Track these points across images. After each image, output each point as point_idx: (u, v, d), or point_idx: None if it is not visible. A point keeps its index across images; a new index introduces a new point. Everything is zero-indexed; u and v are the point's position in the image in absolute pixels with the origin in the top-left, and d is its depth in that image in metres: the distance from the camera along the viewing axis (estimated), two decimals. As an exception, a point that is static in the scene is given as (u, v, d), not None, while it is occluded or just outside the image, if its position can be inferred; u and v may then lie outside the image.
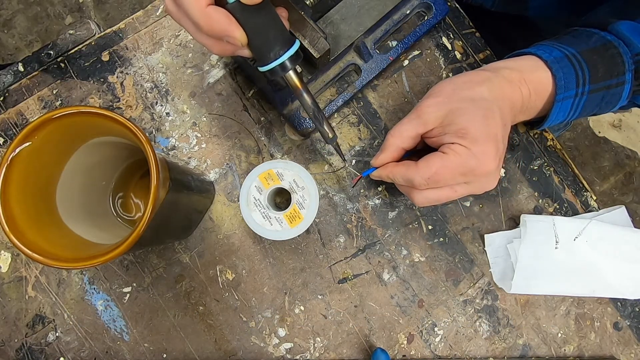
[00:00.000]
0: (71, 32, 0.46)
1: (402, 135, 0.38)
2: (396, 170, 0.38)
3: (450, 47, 0.48)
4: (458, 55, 0.48)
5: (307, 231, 0.45)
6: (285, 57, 0.32)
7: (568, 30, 0.42)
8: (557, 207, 0.47)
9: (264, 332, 0.44)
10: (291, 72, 0.34)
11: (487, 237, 0.46)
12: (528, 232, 0.44)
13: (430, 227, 0.46)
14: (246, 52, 0.33)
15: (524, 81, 0.38)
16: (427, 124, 0.37)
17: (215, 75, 0.47)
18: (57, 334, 0.44)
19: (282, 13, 0.34)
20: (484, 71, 0.39)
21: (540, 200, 0.47)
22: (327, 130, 0.38)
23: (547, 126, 0.42)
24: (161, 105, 0.46)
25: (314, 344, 0.45)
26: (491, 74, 0.38)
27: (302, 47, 0.39)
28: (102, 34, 0.47)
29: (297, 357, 0.44)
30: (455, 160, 0.35)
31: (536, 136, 0.48)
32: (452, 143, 0.35)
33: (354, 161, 0.46)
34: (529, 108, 0.40)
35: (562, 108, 0.39)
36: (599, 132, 1.33)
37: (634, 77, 0.38)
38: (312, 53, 0.38)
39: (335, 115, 0.47)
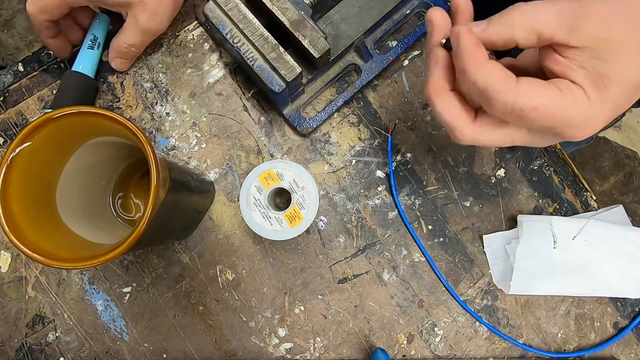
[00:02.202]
0: (71, 32, 0.46)
1: (534, 27, 0.25)
2: (487, 66, 0.26)
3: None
4: (458, 55, 0.48)
5: (307, 231, 0.45)
6: None
7: None
8: (557, 207, 0.47)
9: (264, 332, 0.44)
10: None
11: (486, 238, 0.46)
12: (525, 232, 0.44)
13: (430, 227, 0.46)
14: None
15: None
16: (579, 36, 0.25)
17: (215, 75, 0.47)
18: (57, 334, 0.44)
19: None
20: None
21: (540, 200, 0.47)
22: None
23: None
24: (161, 105, 0.46)
25: (314, 344, 0.45)
26: None
27: (302, 47, 0.39)
28: (102, 34, 0.47)
29: (297, 357, 0.44)
30: (567, 107, 0.25)
31: (536, 136, 0.48)
32: (576, 84, 0.25)
33: (353, 161, 0.46)
34: None
35: None
36: (599, 132, 1.33)
37: None
38: (312, 53, 0.39)
39: (335, 115, 0.47)
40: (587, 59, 0.25)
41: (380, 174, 0.46)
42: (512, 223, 0.47)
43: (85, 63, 0.43)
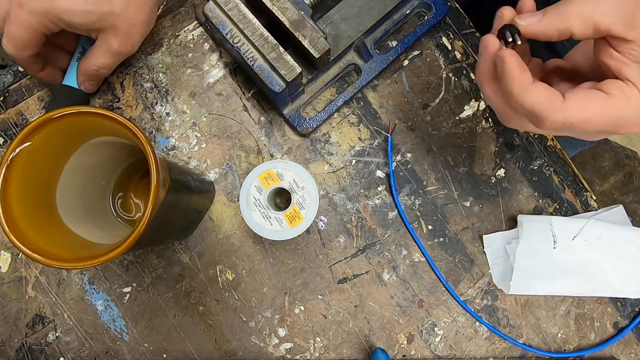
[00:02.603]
0: (71, 32, 0.46)
1: (591, 19, 0.25)
2: (531, 89, 0.26)
3: (450, 47, 0.48)
4: (458, 55, 0.48)
5: (307, 231, 0.45)
6: None
7: None
8: (557, 207, 0.47)
9: (264, 332, 0.44)
10: None
11: (486, 238, 0.46)
12: (525, 232, 0.44)
13: (430, 227, 0.46)
14: None
15: None
16: (637, 28, 0.24)
17: (215, 75, 0.47)
18: (57, 334, 0.44)
19: None
20: None
21: (540, 200, 0.47)
22: None
23: None
24: (161, 105, 0.46)
25: (314, 344, 0.45)
26: None
27: (302, 47, 0.39)
28: (102, 34, 0.47)
29: (297, 357, 0.44)
30: (619, 109, 0.25)
31: (536, 136, 0.48)
32: (629, 82, 0.25)
33: (353, 161, 0.46)
34: None
35: None
36: None
37: None
38: (312, 53, 0.38)
39: (335, 115, 0.47)
40: None
41: (380, 174, 0.46)
42: (512, 223, 0.47)
43: (75, 76, 0.44)
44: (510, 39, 0.27)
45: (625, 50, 0.25)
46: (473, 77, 0.48)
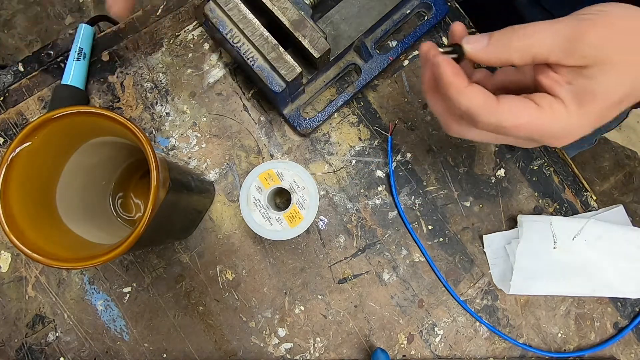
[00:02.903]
0: (71, 32, 0.46)
1: (530, 51, 0.27)
2: (467, 92, 0.28)
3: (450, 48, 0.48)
4: (458, 55, 0.48)
5: (307, 231, 0.45)
6: None
7: None
8: (557, 207, 0.47)
9: (264, 332, 0.44)
10: None
11: (486, 238, 0.46)
12: (525, 232, 0.44)
13: (430, 227, 0.46)
14: None
15: None
16: (574, 58, 0.26)
17: (215, 75, 0.47)
18: (57, 334, 0.44)
19: None
20: None
21: (540, 200, 0.47)
22: None
23: None
24: (161, 105, 0.46)
25: (314, 344, 0.45)
26: None
27: (302, 47, 0.39)
28: (102, 33, 0.47)
29: (297, 357, 0.44)
30: (547, 122, 0.27)
31: (536, 136, 0.48)
32: (558, 98, 0.27)
33: (353, 161, 0.46)
34: None
35: None
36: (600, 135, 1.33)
37: None
38: (312, 53, 0.38)
39: (335, 115, 0.47)
40: (576, 76, 0.26)
41: (380, 174, 0.46)
42: (512, 223, 0.47)
43: (74, 75, 0.44)
44: (455, 56, 0.29)
45: (561, 72, 0.27)
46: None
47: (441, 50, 0.30)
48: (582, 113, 0.27)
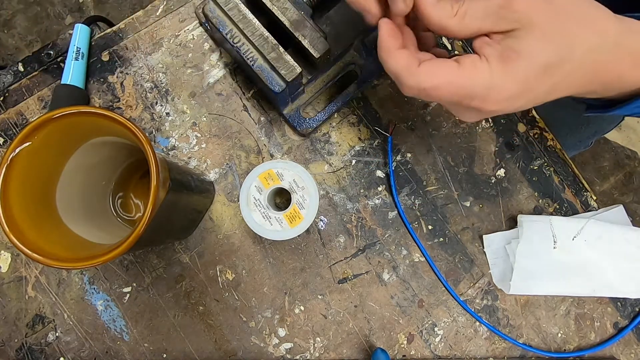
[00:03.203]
0: (71, 32, 0.46)
1: (466, 20, 0.28)
2: (394, 54, 0.29)
3: (450, 47, 0.48)
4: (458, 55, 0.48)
5: (307, 231, 0.45)
6: None
7: None
8: (557, 207, 0.47)
9: (264, 332, 0.44)
10: None
11: (486, 238, 0.46)
12: (525, 232, 0.44)
13: (430, 227, 0.46)
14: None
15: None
16: (502, 23, 0.27)
17: (215, 75, 0.47)
18: (57, 334, 0.44)
19: None
20: (619, 20, 0.28)
21: (540, 200, 0.47)
22: None
23: (606, 115, 0.34)
24: (161, 105, 0.46)
25: (314, 344, 0.45)
26: (622, 31, 0.28)
27: (302, 47, 0.39)
28: (102, 34, 0.47)
29: (297, 357, 0.44)
30: (467, 79, 0.27)
31: (536, 136, 0.48)
32: (482, 56, 0.27)
33: (353, 161, 0.46)
34: (613, 88, 0.31)
35: None
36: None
37: None
38: (312, 53, 0.38)
39: (335, 115, 0.47)
40: (502, 37, 0.27)
41: (380, 174, 0.46)
42: (512, 223, 0.47)
43: (73, 75, 0.44)
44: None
45: (492, 37, 0.28)
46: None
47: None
48: (505, 71, 0.27)
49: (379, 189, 0.46)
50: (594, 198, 0.48)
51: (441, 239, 0.46)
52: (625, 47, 0.28)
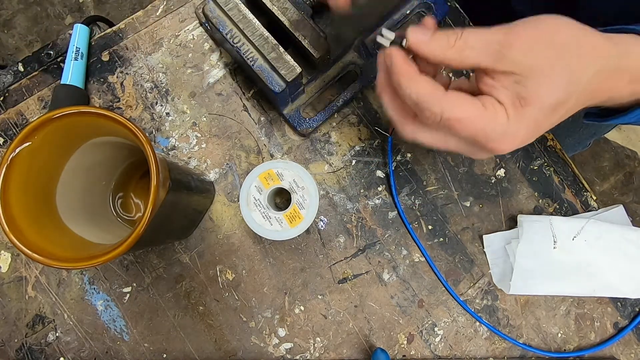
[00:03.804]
0: (71, 32, 0.46)
1: (465, 52, 0.28)
2: (417, 80, 0.29)
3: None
4: (458, 55, 0.48)
5: (307, 231, 0.45)
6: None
7: None
8: (557, 207, 0.47)
9: (264, 332, 0.44)
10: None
11: (486, 238, 0.46)
12: (525, 232, 0.44)
13: (430, 227, 0.46)
14: None
15: (636, 80, 0.30)
16: (503, 63, 0.27)
17: (215, 75, 0.47)
18: (57, 334, 0.44)
19: None
20: (613, 45, 0.29)
21: (540, 200, 0.47)
22: None
23: (604, 123, 0.35)
24: (161, 105, 0.46)
25: (314, 344, 0.45)
26: (619, 54, 0.29)
27: (302, 47, 0.39)
28: (102, 34, 0.47)
29: (297, 357, 0.44)
30: (487, 122, 0.28)
31: (536, 136, 0.48)
32: (500, 102, 0.28)
33: (353, 161, 0.46)
34: (606, 102, 0.32)
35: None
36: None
37: None
38: (312, 53, 0.38)
39: (335, 115, 0.47)
40: (509, 82, 0.27)
41: (380, 174, 0.46)
42: (512, 223, 0.47)
43: (73, 75, 0.44)
44: (400, 43, 0.29)
45: (496, 78, 0.28)
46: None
47: (391, 37, 0.30)
48: (519, 117, 0.28)
49: (379, 189, 0.46)
50: (594, 198, 0.48)
51: (441, 239, 0.46)
52: (623, 67, 0.29)
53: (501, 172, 0.47)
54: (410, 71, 0.29)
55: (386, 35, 0.30)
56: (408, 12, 0.46)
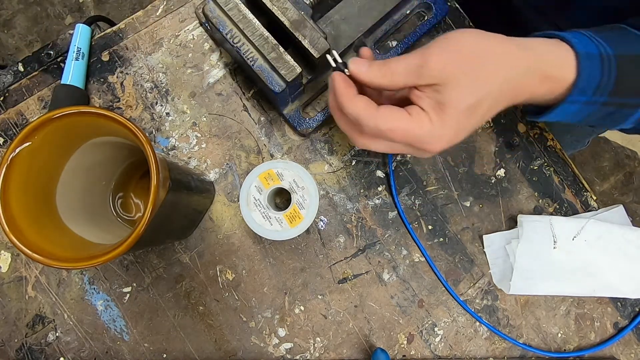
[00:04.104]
0: (71, 32, 0.46)
1: (394, 77, 0.33)
2: (354, 100, 0.34)
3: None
4: (458, 55, 0.48)
5: (307, 231, 0.45)
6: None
7: (612, 25, 0.36)
8: (557, 207, 0.47)
9: (264, 332, 0.44)
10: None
11: (486, 238, 0.46)
12: (525, 232, 0.44)
13: (430, 227, 0.46)
14: None
15: (548, 79, 0.34)
16: (424, 79, 0.32)
17: (215, 75, 0.47)
18: (57, 334, 0.44)
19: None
20: (523, 49, 0.33)
21: (540, 200, 0.47)
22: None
23: (541, 121, 0.38)
24: (161, 105, 0.46)
25: (314, 344, 0.45)
26: (528, 58, 0.33)
27: (302, 47, 0.39)
28: (102, 34, 0.47)
29: (297, 357, 0.44)
30: (416, 127, 0.32)
31: (536, 136, 0.48)
32: (424, 110, 0.32)
33: (353, 161, 0.46)
34: (532, 100, 0.36)
35: (566, 110, 0.35)
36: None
37: None
38: (312, 53, 0.38)
39: (335, 115, 0.47)
40: (431, 92, 0.32)
41: (380, 174, 0.46)
42: (512, 223, 0.47)
43: (73, 75, 0.44)
44: (348, 74, 0.35)
45: (422, 90, 0.33)
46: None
47: (337, 63, 0.35)
48: (441, 121, 0.32)
49: (379, 189, 0.46)
50: (594, 198, 0.48)
51: (441, 239, 0.46)
52: (533, 68, 0.33)
53: (501, 172, 0.47)
54: (349, 93, 0.34)
55: (334, 57, 0.35)
56: (408, 12, 0.46)
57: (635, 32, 0.35)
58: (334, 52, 0.35)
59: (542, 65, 0.33)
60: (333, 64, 0.35)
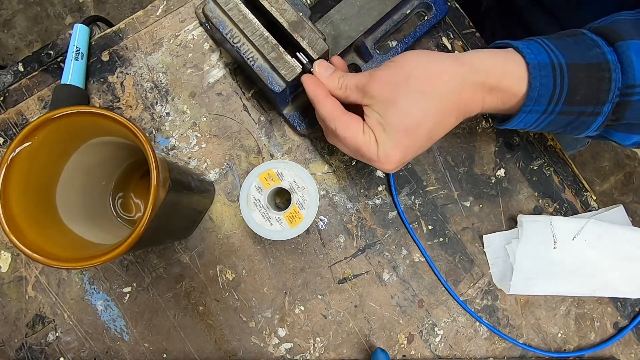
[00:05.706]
0: (71, 32, 0.46)
1: (346, 92, 0.37)
2: (323, 102, 0.36)
3: (450, 47, 0.48)
4: (458, 55, 0.48)
5: (307, 231, 0.45)
6: None
7: (572, 30, 0.36)
8: (557, 207, 0.47)
9: (264, 332, 0.44)
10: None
11: (486, 238, 0.46)
12: (525, 232, 0.44)
13: (430, 227, 0.46)
14: None
15: (496, 90, 0.34)
16: (366, 99, 0.35)
17: (215, 75, 0.47)
18: (57, 334, 0.44)
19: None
20: (460, 65, 0.34)
21: (540, 200, 0.47)
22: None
23: (507, 127, 0.39)
24: (161, 105, 0.46)
25: (314, 344, 0.45)
26: (464, 73, 0.34)
27: (301, 48, 0.39)
28: (102, 34, 0.47)
29: (297, 357, 0.44)
30: (365, 142, 0.34)
31: (536, 136, 0.48)
32: (371, 129, 0.35)
33: (353, 162, 0.46)
34: (488, 110, 0.37)
35: (525, 119, 0.35)
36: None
37: (611, 111, 0.33)
38: (311, 54, 0.38)
39: (335, 115, 0.47)
40: (374, 112, 0.34)
41: (380, 174, 0.46)
42: (512, 223, 0.47)
43: (73, 75, 0.45)
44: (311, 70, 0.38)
45: (368, 107, 0.35)
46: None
47: (303, 64, 0.38)
48: (385, 142, 0.34)
49: (379, 189, 0.46)
50: (594, 198, 0.48)
51: (441, 239, 0.46)
52: (472, 83, 0.34)
53: (501, 172, 0.47)
54: (319, 94, 0.37)
55: (299, 58, 0.38)
56: (408, 12, 0.46)
57: (591, 37, 0.34)
58: (301, 54, 0.38)
59: (480, 77, 0.34)
60: (303, 59, 0.38)
